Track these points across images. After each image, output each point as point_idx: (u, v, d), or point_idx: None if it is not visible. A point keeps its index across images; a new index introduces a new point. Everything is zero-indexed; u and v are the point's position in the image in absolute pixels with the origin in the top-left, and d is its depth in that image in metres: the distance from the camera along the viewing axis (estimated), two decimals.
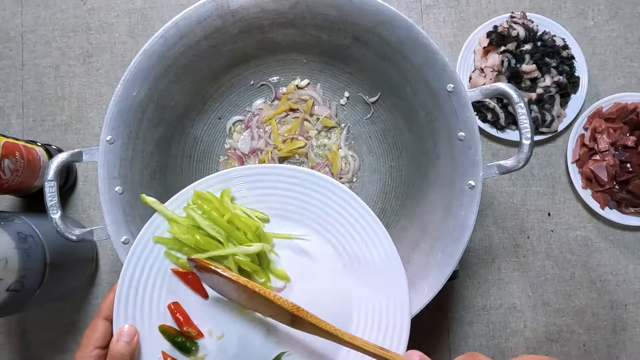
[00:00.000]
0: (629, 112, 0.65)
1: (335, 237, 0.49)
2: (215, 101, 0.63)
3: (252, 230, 0.48)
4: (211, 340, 0.47)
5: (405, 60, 0.53)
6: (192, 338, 0.47)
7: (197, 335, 0.47)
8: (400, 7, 0.71)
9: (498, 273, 0.67)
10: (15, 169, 0.56)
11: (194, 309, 0.48)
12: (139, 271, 0.47)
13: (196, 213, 0.48)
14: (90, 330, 0.46)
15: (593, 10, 0.70)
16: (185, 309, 0.48)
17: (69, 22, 0.71)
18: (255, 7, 0.54)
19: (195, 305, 0.48)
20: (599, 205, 0.65)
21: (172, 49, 0.53)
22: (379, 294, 0.48)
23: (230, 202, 0.49)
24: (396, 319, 0.47)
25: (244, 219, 0.48)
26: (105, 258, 0.68)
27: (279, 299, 0.43)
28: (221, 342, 0.47)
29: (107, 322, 0.46)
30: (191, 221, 0.48)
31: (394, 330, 0.47)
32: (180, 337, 0.47)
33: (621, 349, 0.66)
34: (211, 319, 0.48)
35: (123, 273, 0.47)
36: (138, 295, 0.47)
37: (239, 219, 0.48)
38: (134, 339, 0.45)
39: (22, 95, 0.70)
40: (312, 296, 0.48)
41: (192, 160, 0.63)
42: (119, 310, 0.46)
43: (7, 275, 0.49)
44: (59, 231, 0.48)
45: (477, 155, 0.50)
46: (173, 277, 0.48)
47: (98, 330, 0.45)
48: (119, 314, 0.46)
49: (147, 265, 0.48)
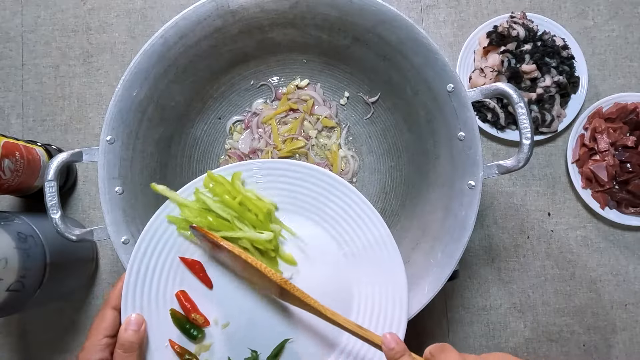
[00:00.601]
0: (629, 112, 0.65)
1: (335, 229, 0.50)
2: (215, 101, 0.63)
3: (264, 212, 0.49)
4: (217, 329, 0.48)
5: (405, 60, 0.53)
6: (199, 326, 0.48)
7: (203, 323, 0.48)
8: (400, 7, 0.71)
9: (498, 273, 0.67)
10: (15, 169, 0.56)
11: (200, 298, 0.49)
12: (147, 260, 0.48)
13: (207, 196, 0.49)
14: (99, 319, 0.46)
15: (593, 10, 0.70)
16: (192, 297, 0.49)
17: (69, 22, 0.71)
18: (255, 7, 0.54)
19: (201, 294, 0.49)
20: (599, 205, 0.65)
21: (172, 49, 0.53)
22: (378, 283, 0.49)
23: (241, 184, 0.50)
24: (394, 310, 0.48)
25: (254, 201, 0.49)
26: (105, 258, 0.68)
27: (269, 271, 0.44)
28: (227, 330, 0.48)
29: (115, 312, 0.47)
30: (202, 205, 0.49)
31: (392, 320, 0.48)
32: (188, 323, 0.48)
33: (621, 349, 0.66)
34: (217, 308, 0.49)
35: (131, 263, 0.48)
36: (146, 284, 0.48)
37: (250, 201, 0.49)
38: (141, 327, 0.46)
39: (22, 95, 0.70)
40: (315, 286, 0.48)
41: (192, 160, 0.63)
42: (127, 299, 0.47)
43: (7, 275, 0.49)
44: (59, 231, 0.48)
45: (477, 155, 0.50)
46: (180, 266, 0.49)
47: (107, 320, 0.46)
48: (127, 303, 0.47)
49: (155, 255, 0.48)
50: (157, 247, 0.48)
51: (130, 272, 0.48)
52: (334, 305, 0.45)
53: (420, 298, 0.49)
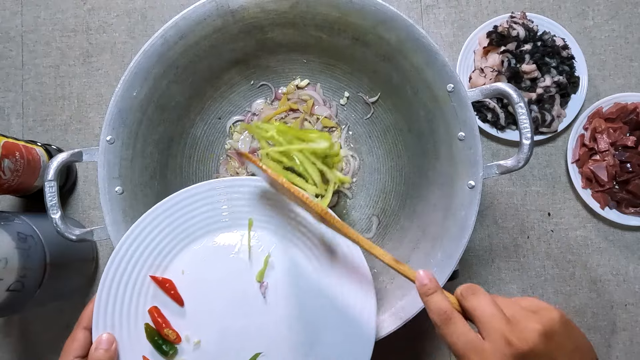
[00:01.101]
0: (629, 112, 0.65)
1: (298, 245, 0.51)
2: (215, 101, 0.63)
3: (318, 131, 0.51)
4: (189, 345, 0.48)
5: (405, 60, 0.53)
6: (171, 342, 0.48)
7: (176, 340, 0.48)
8: (400, 7, 0.71)
9: (498, 273, 0.67)
10: (15, 169, 0.56)
11: (172, 315, 0.49)
12: (118, 279, 0.48)
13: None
14: (70, 340, 0.47)
15: (593, 10, 0.70)
16: (164, 314, 0.49)
17: (69, 22, 0.71)
18: (255, 7, 0.54)
19: (173, 311, 0.49)
20: (599, 205, 0.65)
21: (172, 49, 0.53)
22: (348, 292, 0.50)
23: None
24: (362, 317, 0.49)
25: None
26: (105, 258, 0.68)
27: (311, 202, 0.45)
28: (198, 347, 0.48)
29: (86, 332, 0.47)
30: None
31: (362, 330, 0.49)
32: (161, 339, 0.48)
33: (621, 349, 0.66)
34: (188, 325, 0.49)
35: (102, 282, 0.48)
36: (117, 302, 0.48)
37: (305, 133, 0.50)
38: (112, 347, 0.46)
39: (22, 95, 0.70)
40: (296, 299, 0.49)
41: (192, 160, 0.63)
42: (98, 318, 0.47)
43: (7, 275, 0.49)
44: (59, 231, 0.48)
45: (477, 155, 0.50)
46: (152, 285, 0.49)
47: (78, 340, 0.46)
48: (98, 322, 0.47)
49: (126, 274, 0.48)
50: (128, 266, 0.48)
51: (101, 292, 0.48)
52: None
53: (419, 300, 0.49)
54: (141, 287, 0.49)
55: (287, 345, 0.49)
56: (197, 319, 0.49)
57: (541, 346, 0.35)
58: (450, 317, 0.37)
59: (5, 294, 0.49)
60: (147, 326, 0.48)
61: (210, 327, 0.49)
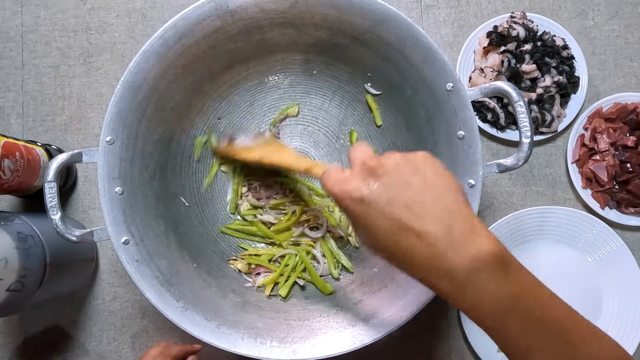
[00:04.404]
0: (629, 112, 0.65)
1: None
2: (215, 101, 0.63)
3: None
4: None
5: (405, 60, 0.53)
6: None
7: None
8: (400, 7, 0.71)
9: None
10: (15, 169, 0.56)
11: None
12: None
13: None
14: None
15: (593, 10, 0.70)
16: None
17: (69, 22, 0.71)
18: (254, 7, 0.54)
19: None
20: (599, 205, 0.65)
21: (171, 49, 0.53)
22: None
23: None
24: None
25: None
26: (105, 258, 0.68)
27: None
28: None
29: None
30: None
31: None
32: None
33: None
34: None
35: None
36: None
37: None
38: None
39: (22, 95, 0.70)
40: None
41: (192, 160, 0.63)
42: None
43: (7, 275, 0.49)
44: (59, 232, 0.48)
45: (477, 154, 0.50)
46: None
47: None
48: None
49: None
50: None
51: None
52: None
53: (420, 297, 0.50)
54: None
55: None
56: None
57: (393, 165, 0.35)
58: (328, 171, 0.38)
59: (5, 294, 0.49)
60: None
61: None
